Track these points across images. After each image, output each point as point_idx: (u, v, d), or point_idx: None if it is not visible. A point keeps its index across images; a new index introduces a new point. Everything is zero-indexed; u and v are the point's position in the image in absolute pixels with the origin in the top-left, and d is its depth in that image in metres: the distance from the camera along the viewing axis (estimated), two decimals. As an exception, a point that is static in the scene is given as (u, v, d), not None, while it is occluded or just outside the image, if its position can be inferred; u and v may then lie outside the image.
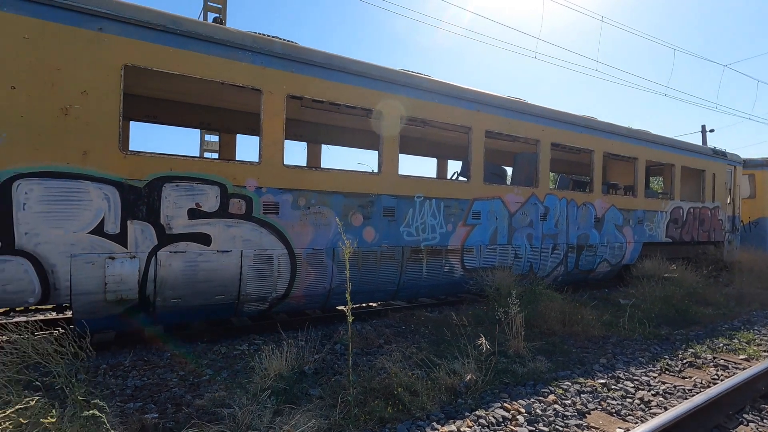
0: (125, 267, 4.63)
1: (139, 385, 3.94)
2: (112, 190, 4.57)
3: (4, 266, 4.11)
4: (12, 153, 4.13)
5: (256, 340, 5.35)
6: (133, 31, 4.66)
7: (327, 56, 5.90)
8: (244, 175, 5.29)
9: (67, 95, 4.36)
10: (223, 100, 7.45)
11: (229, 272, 5.21)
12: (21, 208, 4.17)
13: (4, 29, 4.08)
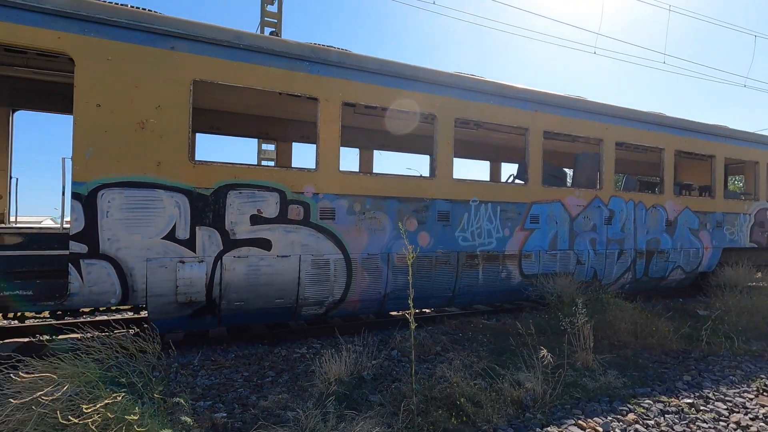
0: (194, 271, 4.89)
1: (208, 384, 4.12)
2: (183, 198, 4.84)
3: (91, 269, 4.48)
4: (97, 165, 4.50)
5: (315, 344, 5.44)
6: (201, 48, 4.94)
7: (381, 62, 5.93)
8: (301, 182, 5.42)
9: (143, 110, 4.69)
10: (279, 110, 7.71)
11: (288, 276, 5.35)
12: (105, 215, 4.52)
13: (91, 53, 4.47)
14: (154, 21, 4.75)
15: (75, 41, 4.42)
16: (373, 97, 5.89)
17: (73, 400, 2.28)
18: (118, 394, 2.26)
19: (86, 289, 4.48)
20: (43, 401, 2.13)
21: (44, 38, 4.33)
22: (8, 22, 4.21)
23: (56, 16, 4.36)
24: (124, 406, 2.25)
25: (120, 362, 2.92)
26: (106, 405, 2.14)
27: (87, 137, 4.46)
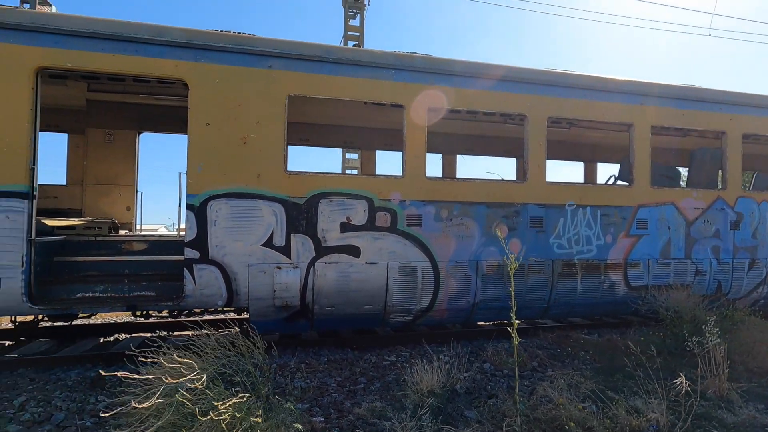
0: (289, 276, 5.12)
1: (304, 386, 4.26)
2: (279, 207, 5.12)
3: (202, 273, 4.91)
4: (207, 178, 4.94)
5: (403, 352, 5.39)
6: (295, 65, 5.21)
7: (466, 64, 5.78)
8: (388, 189, 5.44)
9: (245, 126, 5.06)
10: (364, 119, 7.88)
11: (376, 283, 5.38)
12: (213, 224, 4.94)
13: (202, 78, 4.94)
14: (254, 43, 5.12)
15: (189, 68, 4.92)
16: (459, 101, 5.74)
17: (197, 394, 2.47)
18: (243, 395, 2.39)
19: (198, 292, 4.91)
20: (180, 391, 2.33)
21: (165, 67, 4.88)
22: (137, 55, 4.81)
23: (174, 46, 4.90)
24: (248, 406, 2.38)
25: (230, 360, 3.11)
26: (234, 404, 2.28)
27: (199, 153, 4.91)
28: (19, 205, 4.44)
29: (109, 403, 3.87)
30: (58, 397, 3.95)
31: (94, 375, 4.53)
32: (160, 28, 4.90)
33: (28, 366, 4.88)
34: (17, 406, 3.78)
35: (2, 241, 4.39)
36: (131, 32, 4.79)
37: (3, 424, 3.49)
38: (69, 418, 3.60)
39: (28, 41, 4.51)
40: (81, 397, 3.98)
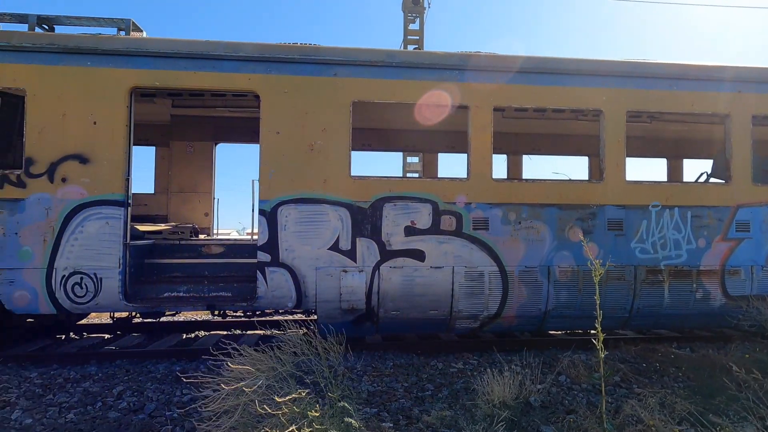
0: (355, 279, 5.18)
1: (372, 390, 4.27)
2: (345, 211, 5.21)
3: (273, 276, 5.12)
4: (277, 185, 5.15)
5: (471, 360, 5.23)
6: (359, 71, 5.29)
7: (534, 60, 5.52)
8: (453, 192, 5.32)
9: (312, 134, 5.22)
10: (425, 123, 7.82)
11: (441, 288, 5.28)
12: (283, 228, 5.14)
13: (272, 89, 5.17)
14: (320, 53, 5.28)
15: (261, 80, 5.18)
16: (526, 98, 5.49)
17: (267, 393, 2.55)
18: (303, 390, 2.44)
19: (270, 293, 5.13)
20: (246, 391, 2.43)
21: (239, 81, 5.18)
22: (215, 71, 5.15)
23: (247, 61, 5.18)
24: (308, 402, 2.42)
25: (304, 361, 3.19)
26: (293, 399, 2.33)
27: (269, 161, 5.15)
28: (117, 212, 4.92)
29: (192, 396, 4.15)
30: (150, 389, 4.31)
31: (179, 369, 4.90)
32: (235, 44, 5.21)
33: (123, 358, 5.38)
34: (116, 395, 4.17)
35: (103, 245, 4.89)
36: (209, 50, 5.14)
37: (105, 411, 3.86)
38: (159, 408, 3.91)
39: (123, 65, 5.01)
40: (169, 389, 4.30)
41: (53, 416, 3.73)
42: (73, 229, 4.87)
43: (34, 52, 4.89)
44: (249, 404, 2.62)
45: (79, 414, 3.77)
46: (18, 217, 4.80)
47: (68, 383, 4.43)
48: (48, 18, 5.22)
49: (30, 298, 4.84)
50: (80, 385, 4.39)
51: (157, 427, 3.54)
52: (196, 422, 3.19)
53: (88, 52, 4.95)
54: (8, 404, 3.92)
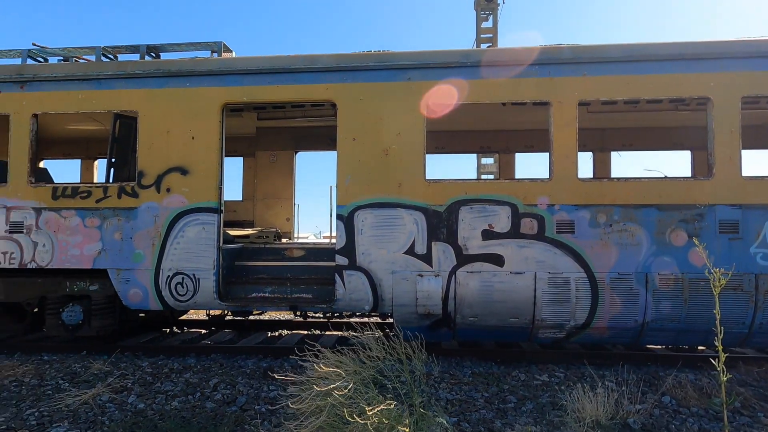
0: (431, 284, 5.12)
1: (450, 398, 4.16)
2: (420, 215, 5.17)
3: (351, 279, 5.23)
4: (354, 190, 5.28)
5: (557, 372, 4.89)
6: (433, 73, 5.24)
7: (625, 48, 5.05)
8: (534, 193, 5.04)
9: (387, 139, 5.27)
10: (501, 122, 7.54)
11: (522, 294, 5.01)
12: (360, 232, 5.24)
13: (348, 97, 5.32)
14: (393, 58, 5.32)
15: (337, 89, 5.35)
16: (617, 90, 5.04)
17: (353, 397, 2.58)
18: (391, 401, 2.43)
19: (347, 296, 5.25)
20: (334, 393, 2.48)
21: (317, 91, 5.40)
22: (295, 84, 5.42)
23: (324, 71, 5.39)
24: (397, 414, 2.41)
25: (386, 365, 3.19)
26: (381, 410, 2.33)
27: (346, 167, 5.29)
28: (212, 219, 5.38)
29: (278, 394, 4.37)
30: (241, 383, 4.62)
31: (265, 366, 5.20)
32: (312, 57, 5.45)
33: (217, 352, 5.85)
34: (212, 387, 4.53)
35: (200, 248, 5.37)
36: (289, 64, 5.43)
37: (203, 401, 4.20)
38: (249, 402, 4.17)
39: (216, 83, 5.48)
40: (257, 384, 4.58)
41: (161, 402, 4.15)
42: (175, 234, 5.41)
43: (145, 78, 5.54)
44: (335, 407, 2.68)
45: (182, 402, 4.15)
46: (132, 224, 5.45)
47: (173, 373, 4.91)
48: (155, 46, 5.88)
49: (142, 295, 5.46)
50: (182, 375, 4.84)
51: (248, 420, 3.77)
52: (284, 420, 3.34)
53: (187, 74, 5.50)
54: (126, 389, 4.44)
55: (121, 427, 3.56)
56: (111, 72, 5.55)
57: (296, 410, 3.49)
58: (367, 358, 3.01)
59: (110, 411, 3.93)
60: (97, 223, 5.49)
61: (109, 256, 5.45)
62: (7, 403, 4.12)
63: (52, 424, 3.68)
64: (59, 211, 5.51)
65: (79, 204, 5.51)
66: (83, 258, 5.49)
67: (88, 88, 5.58)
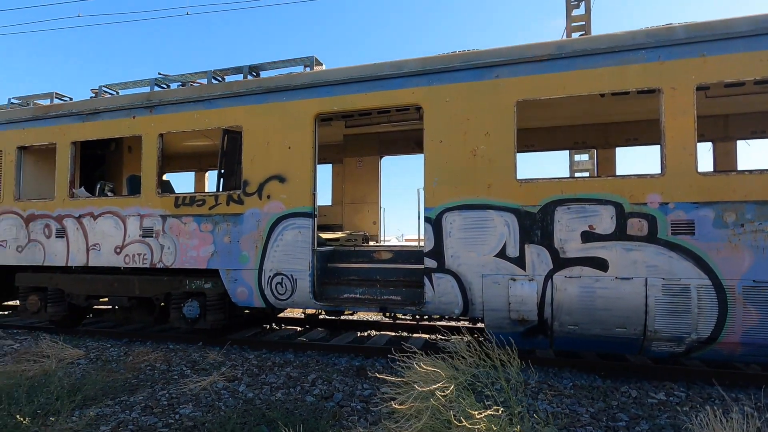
0: (525, 289, 4.88)
1: (550, 410, 3.92)
2: (511, 216, 4.97)
3: (440, 282, 5.20)
4: (441, 192, 5.24)
5: (677, 391, 4.35)
6: (522, 69, 5.02)
7: (758, 20, 4.36)
8: (643, 191, 4.57)
9: (474, 139, 5.15)
10: (599, 115, 6.96)
11: (630, 302, 4.56)
12: (448, 235, 5.18)
13: (434, 99, 5.31)
14: (480, 57, 5.20)
15: (424, 92, 5.37)
16: (744, 69, 4.37)
17: (454, 401, 2.55)
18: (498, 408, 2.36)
19: (436, 299, 5.22)
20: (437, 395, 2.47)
21: (404, 96, 5.48)
22: (382, 90, 5.55)
23: (410, 76, 5.44)
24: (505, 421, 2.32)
25: (480, 371, 3.11)
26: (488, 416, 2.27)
27: (433, 169, 5.28)
28: (307, 223, 5.71)
29: (371, 393, 4.48)
30: (336, 380, 4.82)
31: (358, 365, 5.37)
32: (398, 62, 5.54)
33: (312, 349, 6.19)
34: (310, 381, 4.79)
35: (297, 250, 5.73)
36: (376, 72, 5.58)
37: (303, 394, 4.47)
38: (345, 399, 4.33)
39: (309, 96, 5.82)
40: (351, 382, 4.75)
41: (267, 393, 4.49)
42: (275, 238, 5.84)
43: (247, 95, 6.09)
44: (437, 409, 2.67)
45: (285, 394, 4.45)
46: (239, 228, 6.00)
47: (275, 367, 5.29)
48: (255, 66, 6.44)
49: (248, 293, 5.97)
50: (284, 369, 5.19)
51: (344, 416, 3.92)
52: (383, 420, 3.41)
53: (284, 89, 5.92)
54: (236, 379, 4.89)
55: (234, 412, 3.92)
56: (219, 92, 6.19)
57: (392, 410, 3.54)
58: (461, 363, 2.95)
59: (225, 398, 4.35)
60: (210, 228, 6.14)
61: (220, 258, 6.06)
62: (144, 385, 4.77)
63: (179, 405, 4.17)
64: (180, 218, 6.27)
65: (195, 211, 6.22)
66: (199, 259, 6.17)
67: (202, 108, 6.28)
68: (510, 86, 5.05)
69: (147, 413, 4.00)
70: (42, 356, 5.56)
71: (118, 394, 4.45)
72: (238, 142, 6.33)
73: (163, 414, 3.98)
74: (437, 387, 2.48)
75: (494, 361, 2.97)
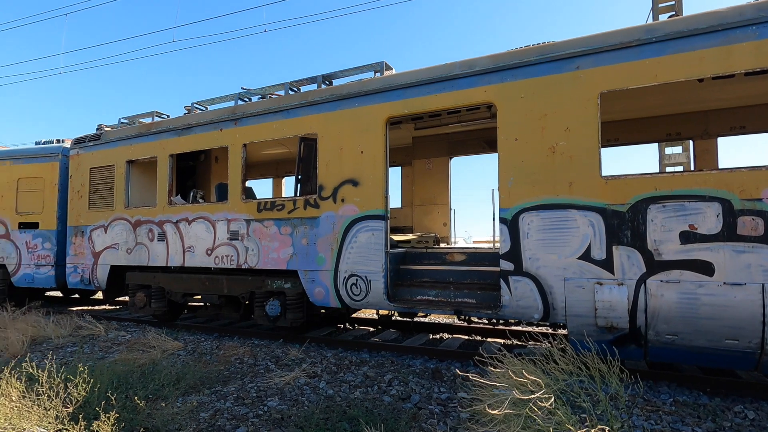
0: (613, 294, 4.53)
1: (649, 428, 3.59)
2: (596, 216, 4.65)
3: (517, 285, 5.01)
4: (517, 192, 5.05)
5: (805, 415, 3.78)
6: (607, 58, 4.68)
7: None
8: (756, 185, 4.03)
9: (553, 136, 4.90)
10: (696, 102, 6.28)
11: (743, 311, 4.04)
12: (525, 236, 4.98)
13: (508, 96, 5.14)
14: (557, 48, 4.94)
15: (496, 90, 5.22)
16: None
17: (545, 412, 2.43)
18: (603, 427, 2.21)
19: (514, 303, 5.04)
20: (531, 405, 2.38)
21: (475, 95, 5.37)
22: (452, 90, 5.49)
23: (482, 74, 5.32)
24: None
25: (574, 381, 2.94)
26: None
27: (508, 169, 5.10)
28: (379, 225, 5.81)
29: (448, 396, 4.43)
30: (412, 381, 4.84)
31: (433, 367, 5.34)
32: (469, 61, 5.44)
33: (386, 350, 6.27)
34: (387, 381, 4.85)
35: (370, 252, 5.85)
36: (446, 72, 5.53)
37: (380, 394, 4.53)
38: (422, 401, 4.33)
39: (380, 100, 5.93)
40: (428, 385, 4.73)
41: (346, 391, 4.63)
42: (349, 240, 6.01)
43: (321, 104, 6.35)
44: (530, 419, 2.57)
45: (363, 393, 4.56)
46: (315, 231, 6.26)
47: (352, 365, 5.44)
48: (328, 75, 6.69)
49: (324, 294, 6.21)
50: (360, 368, 5.32)
51: (423, 418, 3.92)
52: (469, 423, 3.36)
53: (356, 95, 6.09)
54: (317, 375, 5.10)
55: (317, 408, 4.08)
56: (296, 102, 6.52)
57: (472, 413, 3.48)
58: (554, 369, 2.81)
59: (307, 393, 4.56)
60: (289, 231, 6.48)
61: (299, 259, 6.37)
62: (235, 377, 5.15)
63: (267, 397, 4.45)
64: (262, 222, 6.69)
65: (276, 215, 6.60)
66: (279, 260, 6.54)
67: (280, 118, 6.66)
68: (592, 77, 4.73)
69: (239, 404, 4.31)
70: (149, 346, 6.24)
71: (213, 385, 4.85)
72: (313, 148, 6.62)
73: (253, 405, 4.26)
74: (537, 396, 2.38)
75: (590, 370, 2.78)
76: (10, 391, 4.07)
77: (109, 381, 4.52)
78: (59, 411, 3.80)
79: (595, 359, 2.86)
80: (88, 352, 6.22)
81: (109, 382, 4.49)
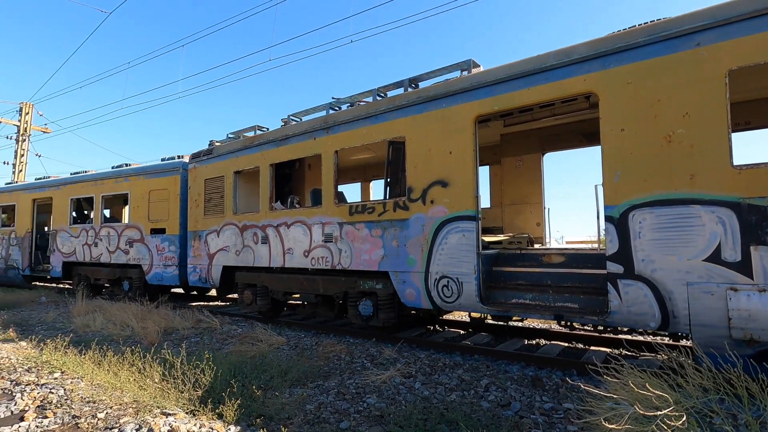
0: (752, 302, 3.91)
1: (808, 461, 3.02)
2: (727, 212, 4.06)
3: (628, 289, 4.56)
4: (625, 187, 4.61)
5: None
6: (735, 30, 4.08)
7: None
8: None
9: (668, 123, 4.39)
10: None
11: None
12: (637, 236, 4.52)
13: (612, 84, 4.72)
14: (672, 25, 4.42)
15: (597, 78, 4.83)
16: None
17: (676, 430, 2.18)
18: None
19: (624, 309, 4.60)
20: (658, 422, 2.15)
21: (572, 85, 5.02)
22: (546, 83, 5.19)
23: (580, 62, 4.96)
24: None
25: (710, 399, 2.60)
26: None
27: (614, 162, 4.68)
28: (470, 226, 5.70)
29: (552, 406, 4.19)
30: (510, 388, 4.65)
31: (532, 374, 5.09)
32: (565, 50, 5.11)
33: (479, 353, 6.11)
34: (483, 386, 4.73)
35: (461, 253, 5.76)
36: (539, 63, 5.25)
37: (477, 399, 4.44)
38: (524, 409, 4.14)
39: (468, 99, 5.82)
40: (528, 393, 4.52)
41: (441, 393, 4.61)
42: (440, 241, 5.99)
43: (408, 107, 6.42)
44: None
45: (460, 396, 4.49)
46: (405, 233, 6.35)
47: (446, 368, 5.40)
48: (414, 78, 6.75)
49: (415, 295, 6.26)
50: (455, 371, 5.26)
51: (526, 428, 3.75)
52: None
53: (443, 96, 6.06)
54: (411, 376, 5.15)
55: (415, 408, 4.12)
56: (384, 108, 6.68)
57: (583, 426, 3.25)
58: (686, 384, 2.50)
59: (403, 392, 4.62)
60: (379, 233, 6.65)
61: (390, 261, 6.51)
62: (334, 373, 5.41)
63: (365, 394, 4.60)
64: (354, 225, 6.96)
65: (366, 218, 6.82)
66: (371, 262, 6.74)
67: (369, 124, 6.88)
68: (717, 53, 4.15)
69: (340, 398, 4.52)
70: (257, 340, 6.83)
71: (315, 379, 5.15)
72: (401, 151, 6.72)
73: (353, 401, 4.44)
74: (665, 413, 2.14)
75: (735, 388, 2.43)
76: (153, 373, 4.74)
77: (227, 370, 5.04)
78: (191, 394, 4.33)
79: (742, 376, 2.48)
80: (207, 343, 7.01)
81: (227, 371, 5.00)
